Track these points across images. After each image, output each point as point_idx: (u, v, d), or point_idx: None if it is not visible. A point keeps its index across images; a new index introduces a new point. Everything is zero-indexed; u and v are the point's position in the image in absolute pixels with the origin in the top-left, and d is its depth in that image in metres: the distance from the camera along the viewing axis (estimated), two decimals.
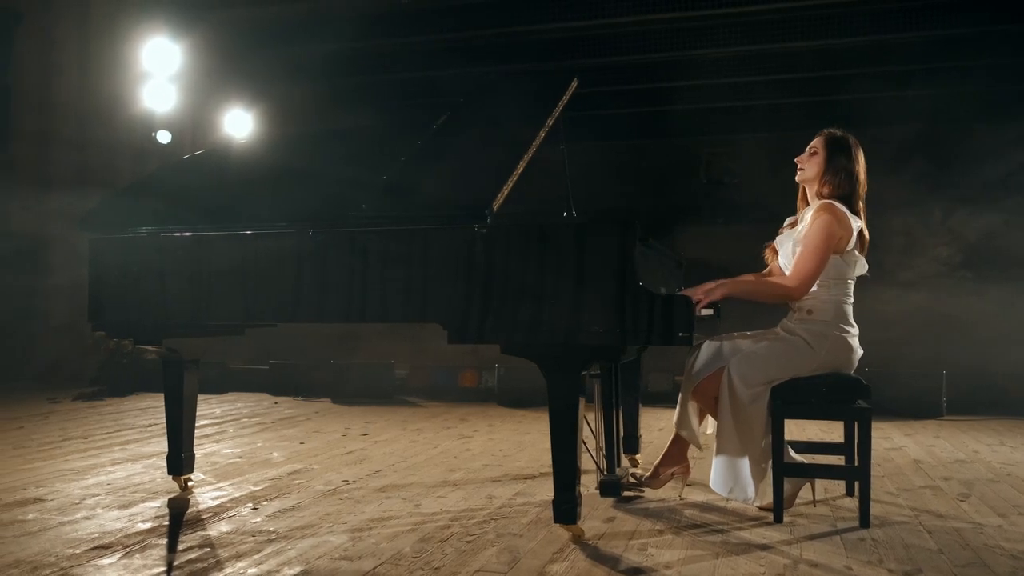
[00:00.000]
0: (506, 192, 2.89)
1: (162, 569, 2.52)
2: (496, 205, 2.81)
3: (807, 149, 3.26)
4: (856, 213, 3.14)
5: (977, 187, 7.63)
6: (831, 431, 5.07)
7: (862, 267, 3.20)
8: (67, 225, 8.38)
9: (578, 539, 2.81)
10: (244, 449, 4.67)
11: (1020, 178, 7.32)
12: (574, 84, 3.57)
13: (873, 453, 4.53)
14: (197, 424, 5.52)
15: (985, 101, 7.81)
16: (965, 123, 8.01)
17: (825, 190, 3.16)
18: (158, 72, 7.70)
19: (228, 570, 2.51)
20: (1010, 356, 6.57)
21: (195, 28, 7.92)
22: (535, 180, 3.61)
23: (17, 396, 7.03)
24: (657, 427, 5.56)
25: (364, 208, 2.94)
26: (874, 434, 5.24)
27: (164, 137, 7.95)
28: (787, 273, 3.17)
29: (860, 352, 3.17)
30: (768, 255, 3.39)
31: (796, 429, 5.37)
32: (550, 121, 3.30)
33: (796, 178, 3.29)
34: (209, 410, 6.44)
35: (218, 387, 7.73)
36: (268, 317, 3.13)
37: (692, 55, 7.78)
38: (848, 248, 3.09)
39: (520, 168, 3.01)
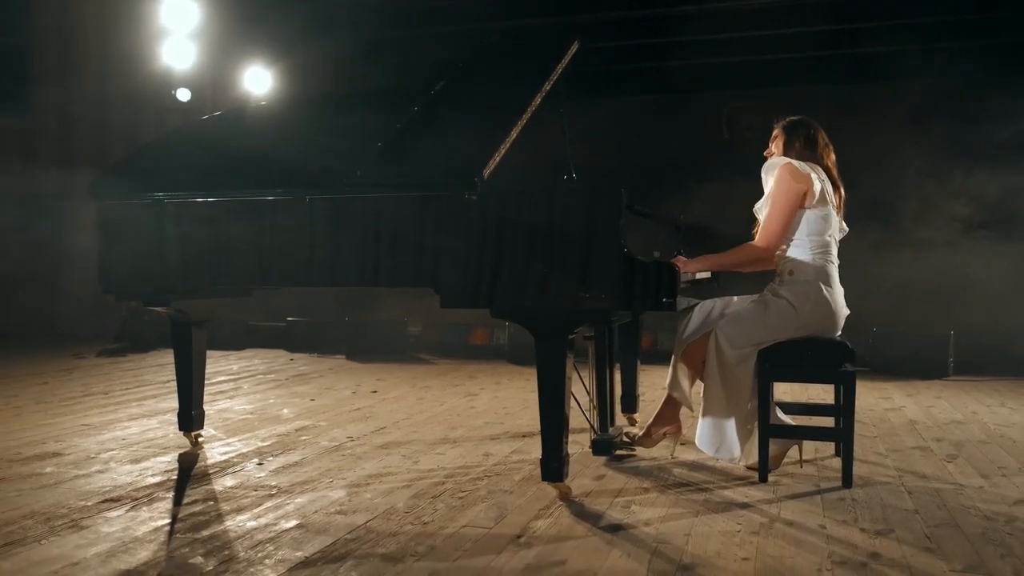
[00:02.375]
0: (498, 159, 2.94)
1: (167, 521, 2.66)
2: (487, 172, 2.87)
3: (771, 140, 3.39)
4: (826, 169, 3.24)
5: (994, 147, 7.52)
6: (825, 393, 5.12)
7: (840, 227, 3.27)
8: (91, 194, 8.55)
9: (565, 496, 2.91)
10: (256, 406, 4.83)
11: None
12: (574, 46, 3.59)
13: (871, 413, 4.62)
14: (214, 380, 5.73)
15: (1008, 56, 7.67)
16: (986, 80, 7.87)
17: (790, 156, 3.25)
18: (177, 29, 7.76)
19: (228, 523, 2.65)
20: (1019, 317, 6.54)
21: None
22: (540, 143, 3.66)
23: (44, 352, 7.26)
24: (661, 385, 5.63)
25: (359, 175, 3.01)
26: (875, 394, 5.32)
27: (184, 95, 8.02)
28: None
29: (845, 312, 3.22)
30: (758, 224, 3.44)
31: (799, 389, 5.43)
32: (547, 86, 3.33)
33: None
34: (227, 366, 6.62)
35: (238, 343, 7.92)
36: (264, 281, 3.23)
37: (715, 7, 7.71)
38: (814, 202, 3.15)
39: (514, 135, 3.06)
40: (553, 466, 2.87)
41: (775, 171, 3.21)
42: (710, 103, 9.49)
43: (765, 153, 3.39)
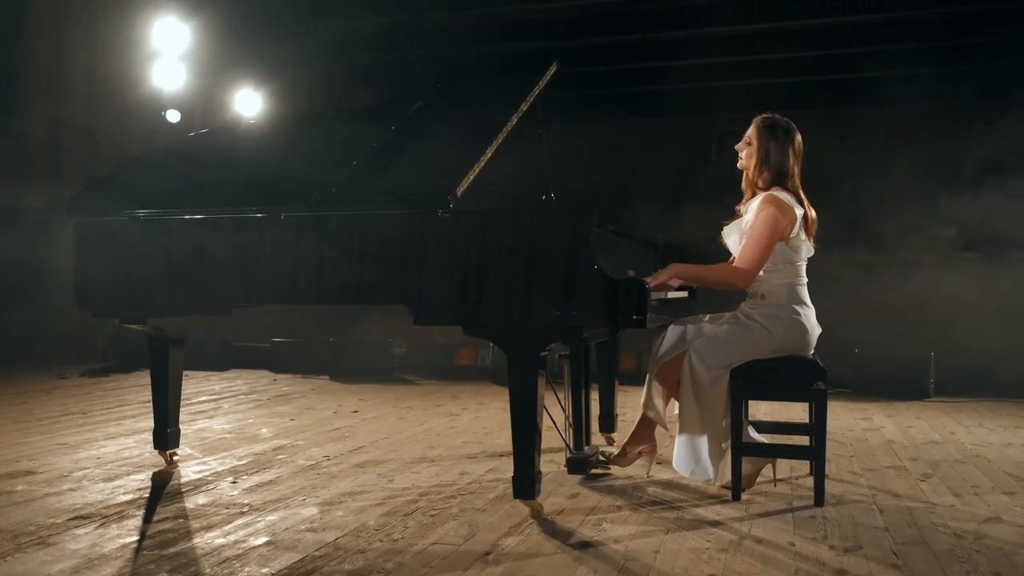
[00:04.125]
0: (471, 178, 2.96)
1: (135, 538, 2.65)
2: (460, 190, 2.89)
3: (744, 137, 3.33)
4: (799, 199, 3.20)
5: (977, 170, 7.61)
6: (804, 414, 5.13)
7: (809, 250, 3.27)
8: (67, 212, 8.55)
9: (537, 514, 2.91)
10: (235, 425, 4.81)
11: (1016, 161, 7.29)
12: (553, 68, 3.63)
13: (849, 433, 4.64)
14: (194, 400, 5.71)
15: (987, 81, 7.78)
16: (969, 104, 7.98)
17: (762, 177, 3.24)
18: (168, 51, 7.80)
19: (196, 540, 2.64)
20: (1000, 338, 6.58)
21: (205, 7, 8.01)
22: (520, 163, 3.69)
23: (28, 371, 7.22)
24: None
25: (333, 191, 3.03)
26: (855, 415, 5.34)
27: (173, 116, 8.04)
28: None
29: (818, 331, 3.24)
30: (724, 243, 3.45)
31: (779, 408, 5.45)
32: (524, 106, 3.37)
33: (738, 165, 3.37)
34: (209, 386, 6.60)
35: (221, 364, 7.89)
36: (242, 299, 3.23)
37: (703, 32, 7.81)
38: (793, 235, 3.16)
39: (489, 154, 3.08)
40: (525, 483, 2.87)
41: (762, 204, 3.17)
42: (697, 126, 9.59)
43: (736, 147, 3.35)
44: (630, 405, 5.45)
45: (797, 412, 5.29)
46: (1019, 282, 6.89)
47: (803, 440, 3.76)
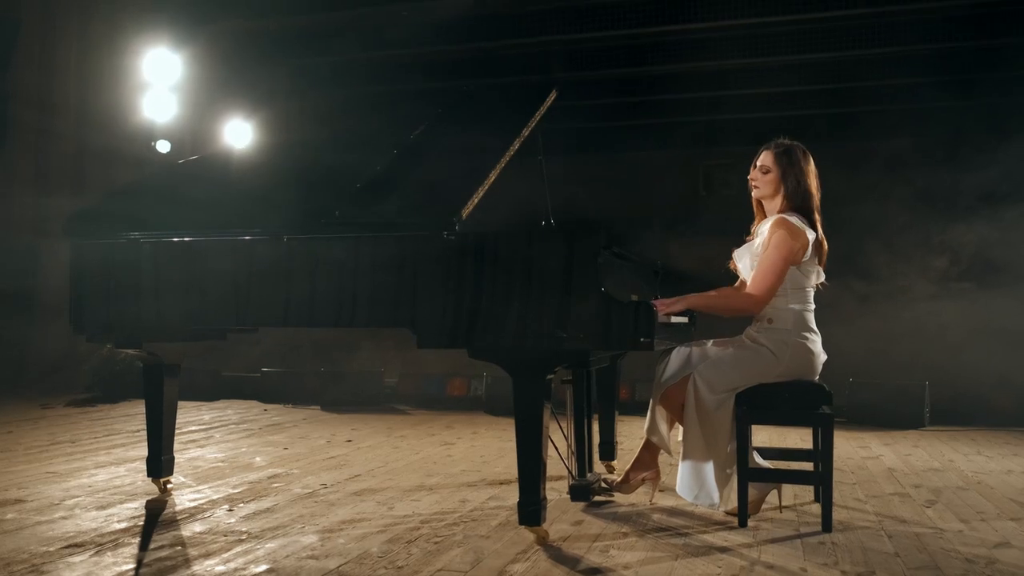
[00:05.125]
0: (476, 200, 2.96)
1: (131, 566, 2.58)
2: (465, 213, 2.88)
3: (757, 165, 3.31)
4: (812, 222, 3.20)
5: (970, 200, 7.68)
6: (806, 439, 5.11)
7: (819, 275, 3.26)
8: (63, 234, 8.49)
9: (543, 541, 2.86)
10: (228, 454, 4.73)
11: (1009, 191, 7.36)
12: (552, 95, 3.64)
13: (849, 461, 4.61)
14: (185, 430, 5.62)
15: (979, 114, 7.90)
16: (962, 137, 8.09)
17: (782, 205, 3.23)
18: (158, 82, 7.79)
19: (195, 568, 2.57)
20: (994, 367, 6.60)
21: (196, 39, 8.02)
22: (519, 190, 3.68)
23: (11, 402, 7.09)
24: (639, 435, 5.60)
25: (337, 215, 3.00)
26: (852, 443, 5.31)
27: (163, 147, 8.01)
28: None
29: (823, 357, 3.22)
30: (734, 266, 3.44)
31: (777, 436, 5.42)
32: (525, 131, 3.37)
33: (753, 195, 3.35)
34: (199, 416, 6.50)
35: (211, 395, 7.78)
36: (240, 323, 3.19)
37: (691, 67, 7.89)
38: (805, 259, 3.15)
39: (492, 177, 3.08)
40: (530, 509, 2.82)
41: (773, 227, 3.15)
42: (686, 159, 9.67)
43: (749, 178, 3.33)
44: (625, 434, 5.42)
45: (793, 439, 5.27)
46: (1012, 311, 6.92)
47: (802, 466, 3.75)
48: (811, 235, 3.17)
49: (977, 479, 4.13)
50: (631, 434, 5.54)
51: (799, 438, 5.34)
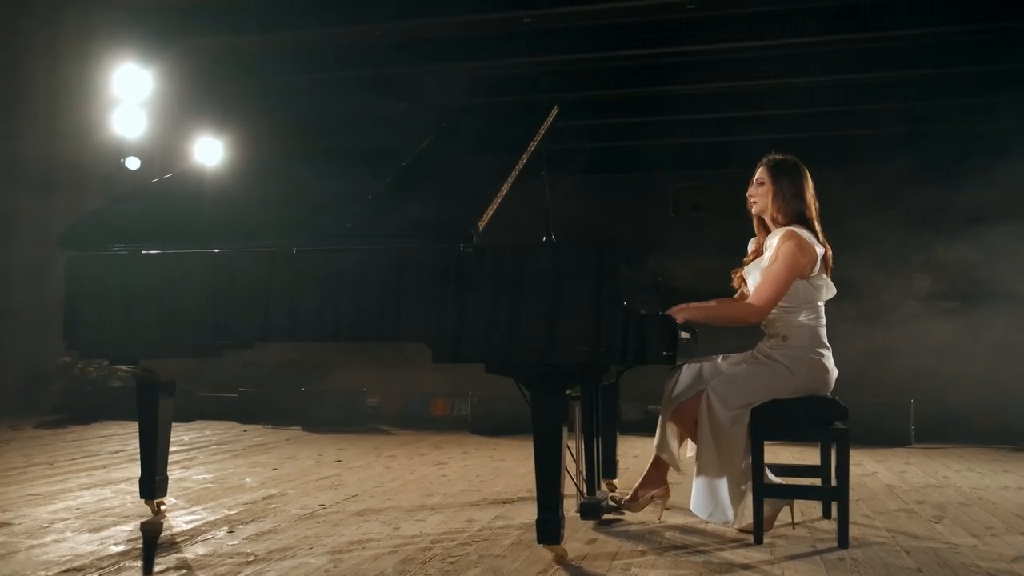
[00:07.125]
0: (491, 213, 2.91)
1: None
2: (481, 225, 2.83)
3: (754, 180, 3.33)
4: (814, 233, 3.20)
5: (957, 221, 7.76)
6: (803, 456, 5.10)
7: (830, 289, 3.26)
8: (30, 251, 8.24)
9: (561, 559, 2.79)
10: (216, 475, 4.59)
11: (993, 213, 7.47)
12: (554, 112, 3.62)
13: None
14: None
15: (965, 138, 8.02)
16: (948, 160, 8.19)
17: (779, 216, 3.23)
18: (128, 98, 7.64)
19: None
20: (978, 385, 6.69)
21: (166, 55, 7.87)
22: (514, 207, 3.65)
23: None
24: (631, 454, 5.57)
25: (349, 227, 2.94)
26: None
27: (133, 163, 7.85)
28: None
29: (836, 373, 3.22)
30: (737, 282, 3.43)
31: (768, 454, 5.40)
32: (532, 146, 3.34)
33: (752, 211, 3.36)
34: (177, 437, 6.31)
35: (185, 415, 7.57)
36: (248, 336, 3.11)
37: (663, 91, 7.91)
38: (813, 274, 3.16)
39: (504, 191, 3.04)
40: (549, 527, 2.76)
41: (782, 239, 3.14)
42: (656, 182, 9.68)
43: (747, 195, 3.34)
44: (622, 453, 5.36)
45: (788, 456, 5.25)
46: (996, 330, 7.04)
47: (808, 482, 3.72)
48: (820, 250, 3.18)
49: (976, 495, 4.16)
50: (622, 453, 5.48)
51: (790, 456, 5.33)
